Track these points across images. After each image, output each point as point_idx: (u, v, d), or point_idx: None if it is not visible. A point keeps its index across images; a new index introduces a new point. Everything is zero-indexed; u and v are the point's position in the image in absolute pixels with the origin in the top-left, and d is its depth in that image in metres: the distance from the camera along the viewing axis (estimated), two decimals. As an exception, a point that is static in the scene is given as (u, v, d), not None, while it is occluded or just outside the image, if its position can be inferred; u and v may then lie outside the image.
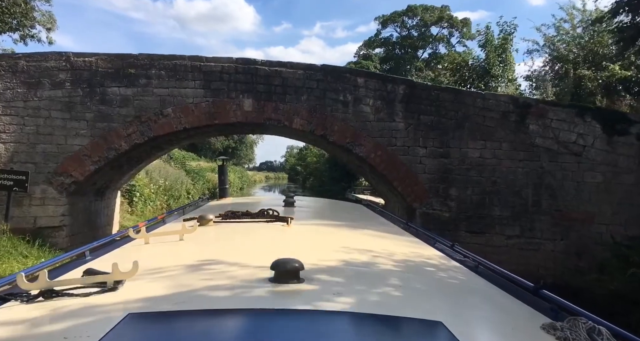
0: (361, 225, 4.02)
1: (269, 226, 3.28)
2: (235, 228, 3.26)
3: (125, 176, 11.68)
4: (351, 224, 4.03)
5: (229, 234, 3.08)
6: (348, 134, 10.19)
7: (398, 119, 10.13)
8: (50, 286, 1.64)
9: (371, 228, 3.90)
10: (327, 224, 3.93)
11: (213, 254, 2.28)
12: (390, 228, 4.04)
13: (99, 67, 9.23)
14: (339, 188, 36.58)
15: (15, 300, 1.62)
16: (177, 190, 24.59)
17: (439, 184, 9.99)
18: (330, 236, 3.17)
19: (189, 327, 1.34)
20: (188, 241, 2.71)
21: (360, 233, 3.56)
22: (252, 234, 3.06)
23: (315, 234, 3.23)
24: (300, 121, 10.15)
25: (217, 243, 2.83)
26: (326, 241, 2.94)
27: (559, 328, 1.48)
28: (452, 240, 3.46)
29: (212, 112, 9.87)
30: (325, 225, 3.79)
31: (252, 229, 3.21)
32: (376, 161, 10.19)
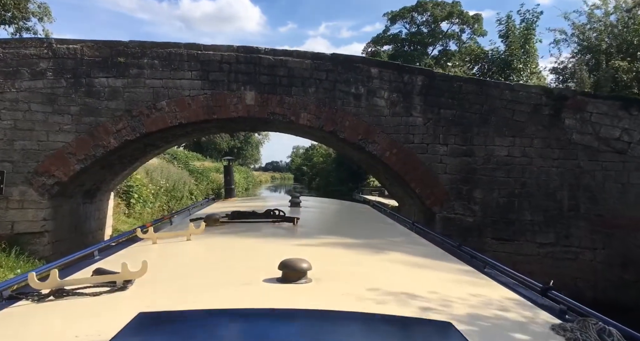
0: (367, 225, 4.00)
1: (276, 226, 3.29)
2: (242, 228, 3.24)
3: (119, 177, 10.79)
4: (357, 225, 4.04)
5: (236, 234, 3.06)
6: (360, 131, 9.23)
7: (416, 114, 9.15)
8: (61, 286, 1.65)
9: (377, 228, 3.89)
10: (333, 224, 3.90)
11: (221, 255, 2.35)
12: (396, 229, 3.99)
13: (85, 55, 8.33)
14: (346, 189, 35.77)
15: (27, 299, 1.63)
16: (180, 191, 23.72)
17: (461, 185, 9.01)
18: (337, 236, 3.15)
19: (199, 326, 1.32)
20: (195, 241, 2.71)
21: (366, 233, 3.54)
22: (259, 235, 3.07)
23: (322, 234, 3.21)
24: (307, 116, 9.21)
25: (225, 243, 2.81)
26: (333, 241, 2.93)
27: (569, 329, 1.46)
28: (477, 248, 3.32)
29: (211, 106, 8.95)
30: (332, 225, 3.77)
31: (258, 229, 3.22)
32: (391, 160, 9.23)
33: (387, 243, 3.18)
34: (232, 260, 2.22)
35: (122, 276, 1.73)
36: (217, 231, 3.11)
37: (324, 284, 1.74)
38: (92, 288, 1.67)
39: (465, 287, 2.08)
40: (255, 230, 3.20)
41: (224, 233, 3.08)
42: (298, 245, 2.71)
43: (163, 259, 2.33)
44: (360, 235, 3.43)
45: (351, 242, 2.99)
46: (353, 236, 3.34)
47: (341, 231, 3.55)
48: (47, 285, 1.68)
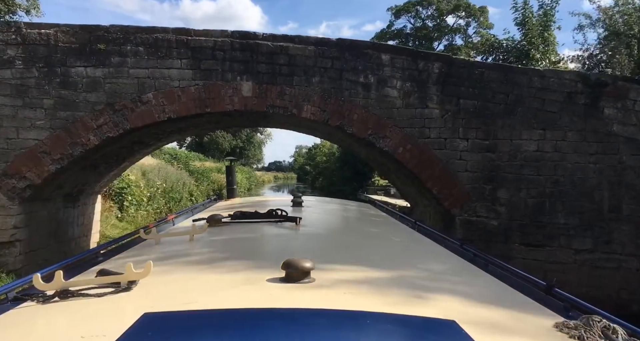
0: (369, 225, 4.03)
1: (278, 226, 3.27)
2: (244, 228, 3.25)
3: (105, 178, 9.87)
4: (359, 224, 4.09)
5: (238, 234, 3.04)
6: (370, 124, 8.28)
7: (432, 105, 8.19)
8: (66, 287, 1.65)
9: (379, 227, 3.91)
10: (335, 223, 3.88)
11: (224, 255, 2.38)
12: (398, 228, 4.00)
13: (60, 41, 7.40)
14: (350, 188, 34.90)
15: (32, 300, 1.64)
16: (178, 192, 22.80)
17: (484, 184, 8.04)
18: (339, 236, 3.20)
19: (203, 327, 1.32)
20: (198, 242, 2.71)
21: (368, 233, 3.58)
22: (262, 235, 3.06)
23: (324, 233, 3.23)
24: (311, 109, 8.27)
25: (228, 243, 2.78)
26: (335, 241, 2.95)
27: (573, 327, 1.44)
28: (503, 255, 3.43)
29: (203, 99, 8.01)
30: (334, 224, 3.77)
31: (261, 229, 3.22)
32: (405, 157, 8.27)
33: (389, 242, 3.20)
34: (235, 260, 2.24)
35: (126, 276, 1.72)
36: (219, 232, 3.10)
37: (327, 283, 1.74)
38: (97, 289, 1.67)
39: (468, 285, 2.09)
40: (258, 230, 3.21)
41: (227, 233, 3.07)
42: (301, 245, 2.70)
43: (166, 259, 2.30)
44: (362, 234, 3.47)
45: (354, 241, 3.02)
46: (355, 235, 3.39)
47: (344, 231, 3.57)
48: (52, 286, 1.67)
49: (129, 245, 2.87)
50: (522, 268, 2.49)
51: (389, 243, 3.06)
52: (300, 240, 2.90)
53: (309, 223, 3.48)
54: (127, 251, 2.68)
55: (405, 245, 3.07)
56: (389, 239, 3.35)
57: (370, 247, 2.79)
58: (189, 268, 2.11)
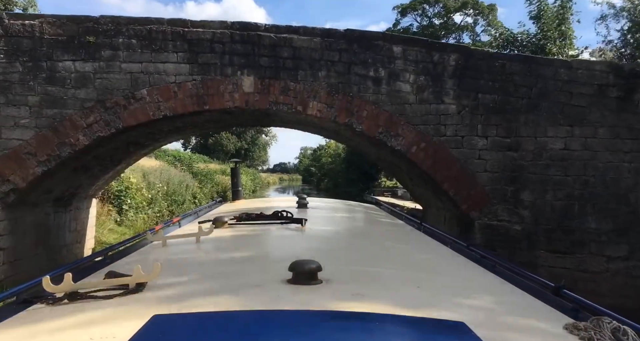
0: (375, 226, 4.05)
1: (284, 227, 3.25)
2: (250, 230, 3.22)
3: (100, 181, 9.32)
4: (365, 225, 4.14)
5: (244, 236, 3.02)
6: (381, 122, 7.68)
7: (448, 100, 7.58)
8: (75, 289, 1.66)
9: (385, 228, 3.92)
10: (340, 225, 3.85)
11: (231, 256, 2.37)
12: (404, 229, 3.94)
13: (46, 33, 6.85)
14: (357, 190, 34.27)
15: (41, 303, 1.65)
16: (181, 194, 22.27)
17: (505, 186, 7.41)
18: (345, 237, 3.25)
19: (213, 328, 1.33)
20: (205, 244, 2.69)
21: (374, 234, 3.63)
22: (268, 236, 3.06)
23: (330, 235, 3.25)
24: (317, 105, 7.68)
25: (234, 245, 2.78)
26: (341, 242, 2.95)
27: (583, 328, 1.42)
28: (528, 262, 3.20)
29: (201, 95, 7.44)
30: (339, 226, 3.78)
31: (267, 231, 3.20)
32: (419, 157, 7.66)
33: (395, 243, 3.17)
34: (242, 262, 2.24)
35: (134, 279, 1.70)
36: (225, 233, 3.08)
37: (334, 285, 1.71)
38: (106, 291, 1.66)
39: (476, 287, 2.04)
40: (264, 232, 3.19)
41: (233, 235, 3.05)
42: (307, 246, 2.67)
43: (174, 261, 2.30)
44: (368, 235, 3.49)
45: (360, 242, 3.01)
46: (361, 236, 3.39)
47: (349, 232, 3.57)
48: (61, 289, 1.65)
49: (135, 247, 2.85)
50: (548, 277, 2.39)
51: (395, 245, 3.04)
52: (307, 242, 2.88)
53: (314, 224, 3.44)
54: (134, 254, 2.65)
55: (411, 247, 3.04)
56: (395, 240, 3.33)
57: (376, 249, 2.77)
58: (197, 270, 2.09)
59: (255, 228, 3.28)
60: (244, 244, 2.83)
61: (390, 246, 3.00)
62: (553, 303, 1.83)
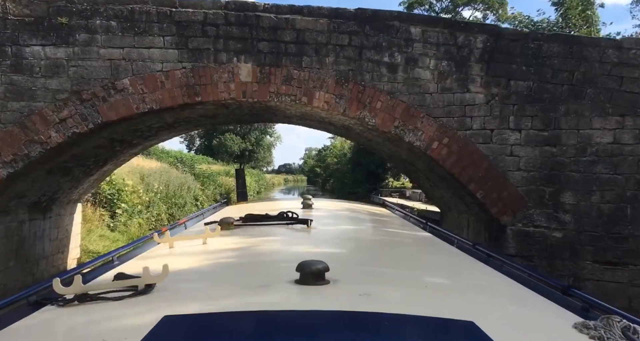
0: (380, 226, 4.06)
1: (290, 228, 3.27)
2: (256, 231, 3.23)
3: (84, 183, 8.41)
4: (370, 225, 4.09)
5: (251, 237, 3.04)
6: (397, 114, 6.73)
7: (475, 88, 6.62)
8: (85, 291, 1.66)
9: (390, 228, 3.93)
10: (346, 225, 3.86)
11: (238, 257, 2.39)
12: (410, 229, 3.93)
13: (10, 14, 5.94)
14: (364, 190, 33.37)
15: (52, 305, 1.65)
16: (182, 197, 21.39)
17: (543, 186, 6.43)
18: (352, 237, 3.20)
19: (223, 329, 1.34)
20: (212, 245, 2.72)
21: (380, 234, 3.63)
22: (274, 237, 3.08)
23: (337, 235, 3.23)
24: (324, 96, 6.74)
25: (241, 246, 2.80)
26: (348, 242, 2.95)
27: (593, 327, 1.41)
28: (572, 275, 3.05)
29: (192, 85, 6.51)
30: (345, 226, 3.75)
31: (273, 232, 3.22)
32: (440, 154, 6.69)
33: (401, 243, 3.20)
34: (250, 263, 2.27)
35: (143, 280, 1.70)
36: (232, 234, 3.08)
37: (342, 285, 1.71)
38: (115, 293, 1.67)
39: (484, 286, 2.04)
40: (270, 233, 3.19)
41: (239, 236, 3.05)
42: (313, 247, 2.67)
43: (181, 263, 2.23)
44: (374, 236, 3.52)
45: (366, 243, 3.04)
46: (367, 236, 3.42)
47: (355, 232, 3.56)
48: (71, 290, 1.66)
49: (143, 249, 2.85)
50: (597, 293, 2.31)
51: (401, 244, 3.08)
52: (313, 242, 2.88)
53: (320, 225, 3.43)
54: (142, 255, 2.64)
55: (417, 246, 3.07)
56: (401, 240, 3.35)
57: (382, 249, 2.80)
58: (205, 271, 2.10)
59: (261, 229, 3.28)
60: (251, 245, 2.84)
61: (396, 245, 3.02)
62: (562, 302, 1.80)
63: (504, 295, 1.92)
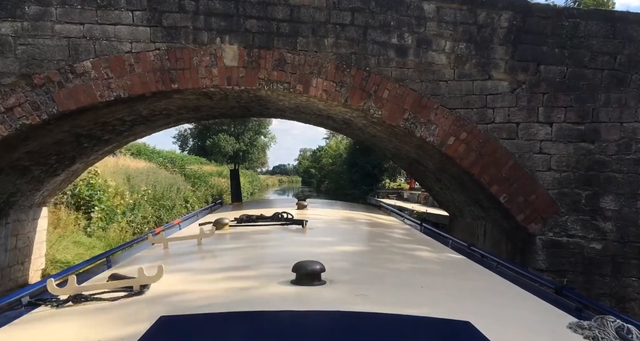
0: (375, 226, 4.06)
1: (285, 229, 3.27)
2: (251, 231, 3.24)
3: (48, 185, 7.38)
4: (365, 226, 4.12)
5: (246, 237, 3.04)
6: (407, 105, 5.80)
7: (498, 75, 5.70)
8: (79, 291, 1.66)
9: (385, 229, 3.92)
10: (341, 226, 3.87)
11: (233, 258, 2.38)
12: (404, 229, 3.92)
13: (-58, -21, 4.94)
14: (360, 192, 32.51)
15: (46, 305, 1.64)
16: (170, 199, 20.35)
17: (578, 189, 5.52)
18: (346, 238, 3.20)
19: (218, 329, 1.34)
20: (206, 246, 2.70)
21: (375, 234, 3.68)
22: (269, 238, 3.08)
23: (332, 236, 3.22)
24: (323, 84, 5.81)
25: (236, 246, 2.79)
26: (343, 243, 2.95)
27: (587, 327, 1.43)
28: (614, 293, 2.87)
29: (168, 69, 5.54)
30: (340, 227, 3.77)
31: (268, 232, 3.22)
32: (458, 151, 5.76)
33: (396, 243, 3.21)
34: (245, 263, 2.22)
35: (138, 280, 1.70)
36: (227, 235, 3.06)
37: (338, 286, 1.72)
38: (110, 293, 1.66)
39: (479, 287, 2.04)
40: (265, 233, 3.17)
41: (234, 237, 3.04)
42: (309, 247, 2.68)
43: (176, 263, 2.28)
44: (369, 236, 3.55)
45: (361, 243, 3.09)
46: (362, 237, 3.46)
47: (350, 233, 3.56)
48: (66, 291, 1.66)
49: (137, 249, 2.79)
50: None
51: (396, 245, 3.10)
52: (308, 243, 2.87)
53: (315, 225, 3.40)
54: (137, 256, 2.60)
55: (412, 247, 3.06)
56: (396, 241, 3.35)
57: (378, 249, 2.82)
58: (200, 272, 2.09)
59: (256, 230, 3.28)
60: (246, 246, 2.80)
61: (391, 246, 3.06)
62: (556, 303, 1.80)
63: (499, 295, 1.92)
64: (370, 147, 33.08)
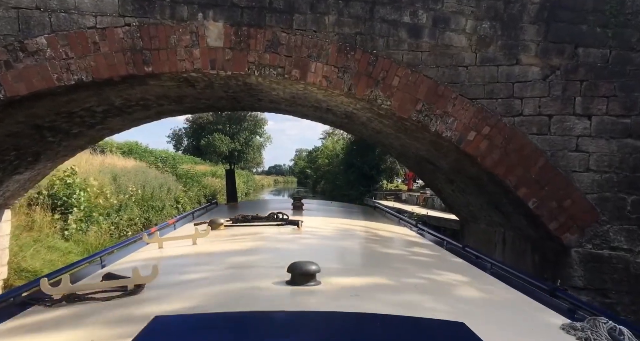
0: (370, 227, 4.08)
1: (280, 229, 3.25)
2: (246, 231, 3.22)
3: (8, 184, 6.48)
4: (360, 226, 4.11)
5: (241, 238, 3.02)
6: (420, 94, 4.99)
7: (527, 59, 4.89)
8: (73, 291, 1.65)
9: (380, 230, 3.94)
10: (336, 226, 3.85)
11: (228, 258, 2.35)
12: (399, 230, 3.93)
13: None
14: (357, 193, 31.69)
15: (39, 305, 1.63)
16: (160, 199, 19.45)
17: (623, 193, 4.72)
18: (342, 238, 3.20)
19: (213, 329, 1.34)
20: (201, 245, 2.71)
21: (370, 235, 3.65)
22: (265, 238, 3.07)
23: (327, 236, 3.21)
24: (323, 69, 5.00)
25: (231, 246, 2.79)
26: (338, 244, 2.96)
27: (580, 328, 1.43)
28: None
29: (140, 49, 4.70)
30: (335, 227, 3.74)
31: (263, 232, 3.21)
32: (479, 149, 4.96)
33: (391, 244, 3.20)
34: (240, 263, 2.22)
35: (133, 280, 1.69)
36: (222, 235, 3.05)
37: (333, 286, 1.72)
38: (104, 293, 1.65)
39: (473, 288, 2.05)
40: (260, 233, 3.15)
41: (229, 237, 3.02)
42: (304, 248, 2.68)
43: (171, 263, 2.26)
44: (364, 237, 3.50)
45: (356, 244, 3.06)
46: (357, 238, 3.41)
47: (345, 233, 3.53)
48: (59, 290, 1.64)
49: (131, 249, 2.78)
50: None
51: (390, 246, 3.07)
52: (303, 243, 2.85)
53: (310, 225, 3.37)
54: (131, 255, 2.58)
55: (407, 248, 3.04)
56: (390, 242, 3.34)
57: (372, 250, 2.81)
58: (194, 272, 2.07)
59: (251, 230, 3.22)
60: (241, 246, 2.75)
61: (386, 247, 3.04)
62: (549, 304, 1.80)
63: (493, 296, 1.91)
64: (367, 147, 32.34)
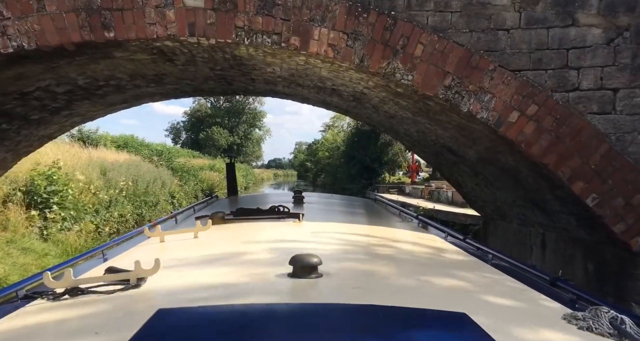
0: (371, 219, 4.11)
1: (281, 222, 3.26)
2: (248, 225, 3.25)
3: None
4: (361, 219, 4.14)
5: (242, 231, 3.05)
6: (449, 65, 4.04)
7: (586, 19, 3.91)
8: (76, 284, 1.65)
9: (381, 222, 3.95)
10: (337, 219, 3.85)
11: (230, 251, 2.36)
12: (400, 222, 3.99)
13: None
14: (359, 186, 30.77)
15: (42, 298, 1.63)
16: (154, 194, 18.51)
17: None
18: (343, 231, 3.16)
19: (217, 322, 1.35)
20: (203, 239, 2.71)
21: (371, 227, 3.64)
22: (266, 231, 3.08)
23: (328, 229, 3.19)
24: (328, 35, 4.03)
25: (232, 240, 2.80)
26: (340, 236, 2.93)
27: (581, 318, 1.43)
28: None
29: (98, 9, 3.73)
30: (336, 220, 3.74)
31: (264, 226, 3.23)
32: (524, 132, 4.02)
33: (392, 236, 3.21)
34: (242, 256, 2.21)
35: (135, 273, 1.68)
36: (223, 228, 3.04)
37: (335, 278, 1.71)
38: (107, 286, 1.65)
39: (474, 278, 2.04)
40: (261, 227, 3.18)
41: (231, 230, 3.03)
42: (305, 240, 2.62)
43: (173, 257, 2.22)
44: (365, 229, 3.51)
45: (357, 236, 3.06)
46: (358, 230, 3.39)
47: (346, 226, 3.49)
48: (62, 284, 1.65)
49: (133, 243, 2.78)
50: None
51: (391, 238, 3.09)
52: (305, 236, 2.84)
53: (311, 218, 3.38)
54: (133, 249, 2.58)
55: (408, 239, 3.07)
56: (391, 233, 3.35)
57: (373, 242, 2.85)
58: (196, 265, 2.08)
59: (252, 223, 3.23)
60: (242, 239, 2.75)
61: (387, 238, 3.03)
62: (550, 294, 1.79)
63: (494, 287, 1.91)
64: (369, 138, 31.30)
